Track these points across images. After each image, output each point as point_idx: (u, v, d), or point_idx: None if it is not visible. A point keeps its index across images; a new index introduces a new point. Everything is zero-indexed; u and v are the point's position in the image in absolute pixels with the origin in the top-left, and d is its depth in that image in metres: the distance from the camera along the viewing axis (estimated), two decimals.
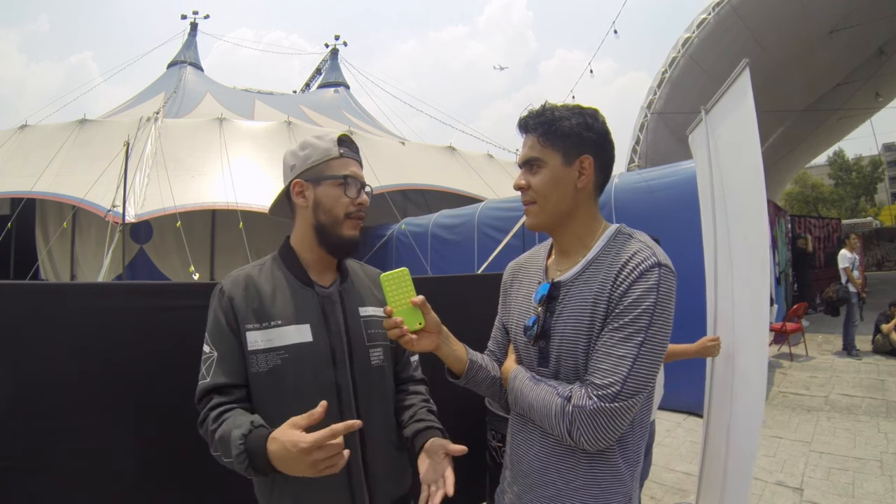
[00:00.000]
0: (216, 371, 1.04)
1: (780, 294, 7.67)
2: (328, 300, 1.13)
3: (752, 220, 1.72)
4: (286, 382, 1.05)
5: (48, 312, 1.28)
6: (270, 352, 1.05)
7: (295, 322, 1.07)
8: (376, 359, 1.15)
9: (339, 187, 1.12)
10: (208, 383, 1.04)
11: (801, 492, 2.94)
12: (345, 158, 1.14)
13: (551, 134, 0.97)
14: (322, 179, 1.12)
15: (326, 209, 1.12)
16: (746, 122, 1.66)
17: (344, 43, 21.61)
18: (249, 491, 1.18)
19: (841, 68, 11.64)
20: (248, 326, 1.06)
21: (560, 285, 0.98)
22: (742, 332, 1.86)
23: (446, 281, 2.36)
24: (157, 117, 10.37)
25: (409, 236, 8.46)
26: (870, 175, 33.76)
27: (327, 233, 1.12)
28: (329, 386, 1.07)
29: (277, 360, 1.05)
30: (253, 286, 1.10)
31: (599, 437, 0.87)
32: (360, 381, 1.12)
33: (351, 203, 1.12)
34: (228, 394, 1.04)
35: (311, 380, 1.06)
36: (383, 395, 1.18)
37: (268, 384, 1.05)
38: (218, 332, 1.06)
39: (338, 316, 1.13)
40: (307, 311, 1.10)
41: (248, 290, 1.09)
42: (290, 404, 1.02)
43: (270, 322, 1.06)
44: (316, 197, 1.12)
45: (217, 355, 1.05)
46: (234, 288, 1.09)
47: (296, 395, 1.05)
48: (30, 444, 1.24)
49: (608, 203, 5.04)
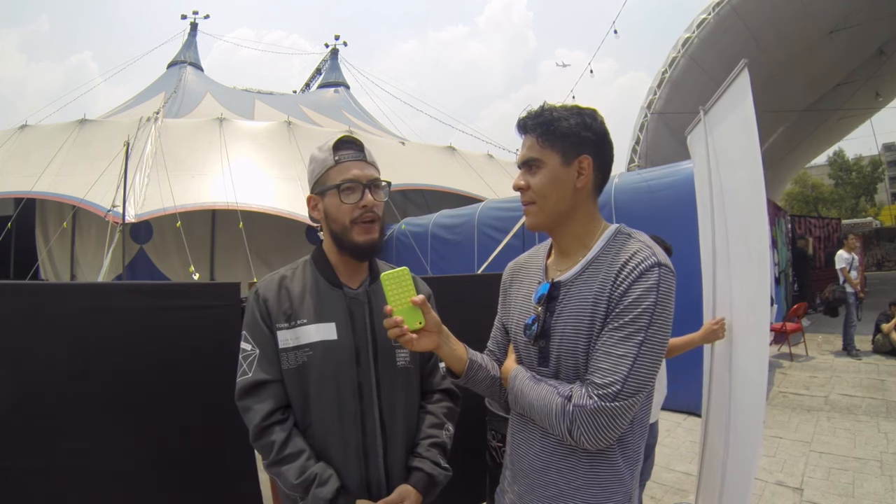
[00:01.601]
0: (258, 368, 1.10)
1: (780, 294, 7.67)
2: (356, 301, 1.16)
3: (752, 220, 1.72)
4: (311, 379, 1.10)
5: (48, 312, 1.28)
6: (298, 349, 1.10)
7: (321, 321, 1.12)
8: (402, 360, 1.17)
9: (337, 196, 1.13)
10: (250, 379, 1.09)
11: (801, 492, 2.94)
12: (341, 164, 1.14)
13: (550, 134, 0.98)
14: (325, 191, 1.15)
15: (333, 219, 1.15)
16: (746, 123, 1.66)
17: (344, 43, 21.62)
18: (250, 490, 1.18)
19: (841, 68, 11.64)
20: (279, 326, 1.11)
21: (560, 285, 0.98)
22: (741, 332, 1.86)
23: (446, 281, 2.36)
24: (157, 117, 10.37)
25: (409, 236, 8.47)
26: (870, 175, 33.74)
27: (341, 240, 1.15)
28: (351, 384, 1.11)
29: (304, 358, 1.10)
30: (285, 288, 1.15)
31: (600, 437, 0.87)
32: (385, 381, 1.14)
33: (354, 208, 1.12)
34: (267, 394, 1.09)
35: (333, 377, 1.10)
36: (408, 396, 1.19)
37: (295, 380, 1.10)
38: (258, 331, 1.12)
39: (364, 316, 1.16)
40: (334, 310, 1.14)
41: (280, 291, 1.15)
42: (313, 400, 1.09)
43: (297, 321, 1.11)
44: (325, 208, 1.16)
45: (259, 353, 1.11)
46: (268, 290, 1.15)
47: (319, 391, 1.09)
48: (30, 444, 1.24)
49: (608, 203, 5.04)
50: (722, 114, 1.98)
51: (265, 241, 9.90)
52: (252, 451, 1.53)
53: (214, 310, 1.51)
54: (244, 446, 1.13)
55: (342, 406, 1.10)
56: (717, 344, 2.07)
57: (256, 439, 1.07)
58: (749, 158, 1.69)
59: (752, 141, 1.63)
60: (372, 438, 1.11)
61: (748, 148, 1.69)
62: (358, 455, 1.10)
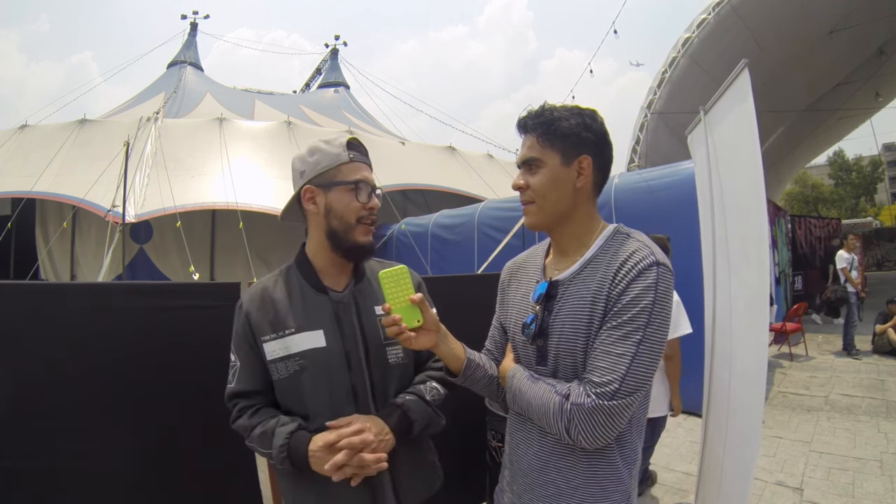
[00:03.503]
0: (238, 378, 1.15)
1: (780, 294, 7.67)
2: (342, 305, 1.16)
3: (752, 220, 1.72)
4: (304, 387, 1.10)
5: (48, 312, 1.28)
6: (288, 359, 1.10)
7: (308, 329, 1.11)
8: (394, 357, 1.17)
9: (350, 192, 1.13)
10: (233, 388, 1.15)
11: (801, 492, 2.94)
12: (355, 163, 1.15)
13: (550, 134, 0.98)
14: (333, 185, 1.13)
15: (338, 215, 1.13)
16: (746, 123, 1.66)
17: (344, 43, 21.63)
18: (249, 490, 1.18)
19: (841, 68, 11.63)
20: (265, 338, 1.11)
21: (558, 284, 0.98)
22: (740, 333, 1.86)
23: (446, 281, 2.36)
24: (157, 117, 10.37)
25: (409, 236, 8.47)
26: (870, 175, 33.73)
27: (340, 238, 1.14)
28: (344, 388, 1.11)
29: (295, 367, 1.10)
30: (268, 298, 1.15)
31: (598, 435, 0.87)
32: (378, 381, 1.14)
33: (363, 208, 1.14)
34: (251, 398, 1.14)
35: (326, 383, 1.10)
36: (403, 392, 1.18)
37: (289, 389, 1.12)
38: (240, 345, 1.15)
39: (352, 319, 1.15)
40: (320, 317, 1.13)
41: (263, 302, 1.14)
42: (309, 407, 1.10)
43: (285, 331, 1.11)
44: (327, 203, 1.13)
45: (239, 365, 1.14)
46: (251, 303, 1.15)
47: (314, 398, 1.10)
48: (30, 444, 1.24)
49: (608, 203, 5.04)
50: (722, 114, 1.98)
51: (265, 241, 9.90)
52: (252, 451, 1.53)
53: (214, 310, 1.51)
54: (244, 446, 1.13)
55: (337, 411, 1.09)
56: (718, 344, 2.07)
57: (234, 423, 1.14)
58: (749, 158, 1.69)
59: (752, 141, 1.63)
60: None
61: (748, 148, 1.69)
62: None
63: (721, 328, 2.10)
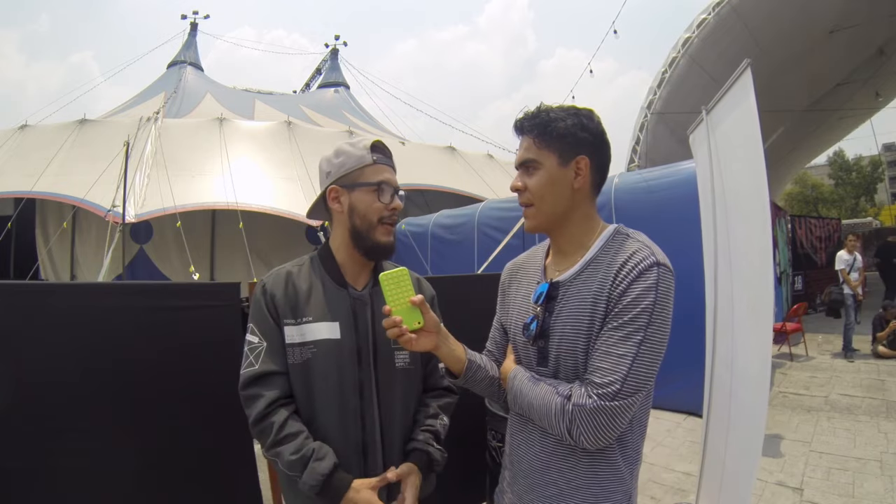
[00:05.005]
0: (265, 359, 1.12)
1: (781, 294, 7.67)
2: (360, 302, 1.19)
3: (754, 221, 1.71)
4: (314, 375, 1.12)
5: (48, 312, 1.28)
6: (303, 346, 1.13)
7: (326, 319, 1.14)
8: (401, 361, 1.19)
9: (372, 193, 1.17)
10: (257, 370, 1.11)
11: (801, 492, 2.94)
12: (378, 165, 1.19)
13: (547, 135, 0.98)
14: (356, 186, 1.18)
15: (361, 214, 1.17)
16: (748, 122, 1.66)
17: (344, 43, 21.63)
18: (249, 490, 1.18)
19: (841, 68, 11.62)
20: (286, 322, 1.13)
21: (559, 285, 0.98)
22: (742, 334, 1.86)
23: (446, 281, 2.35)
24: (157, 117, 10.36)
25: (409, 236, 8.46)
26: (870, 175, 33.74)
27: (362, 237, 1.17)
28: (353, 383, 1.13)
29: (308, 354, 1.12)
30: (291, 284, 1.17)
31: (599, 436, 0.87)
32: (383, 381, 1.17)
33: (385, 208, 1.18)
34: (273, 384, 1.10)
35: (335, 375, 1.12)
36: (406, 395, 1.21)
37: (300, 375, 1.13)
38: (265, 325, 1.14)
39: (367, 317, 1.17)
40: (339, 310, 1.16)
41: (287, 287, 1.16)
42: (317, 396, 1.12)
43: (303, 318, 1.13)
44: (351, 202, 1.18)
45: (266, 345, 1.13)
46: (276, 286, 1.16)
47: (322, 387, 1.12)
48: (30, 444, 1.24)
49: (608, 203, 5.03)
50: (724, 113, 1.98)
51: (265, 241, 9.89)
52: (252, 450, 1.53)
53: (214, 310, 1.51)
54: (244, 446, 1.14)
55: (344, 403, 1.12)
56: (719, 344, 2.07)
57: (257, 423, 1.08)
58: (751, 158, 1.69)
59: (755, 141, 1.63)
60: (371, 434, 1.14)
61: (751, 148, 1.69)
62: (357, 450, 1.13)
63: (722, 329, 2.10)
